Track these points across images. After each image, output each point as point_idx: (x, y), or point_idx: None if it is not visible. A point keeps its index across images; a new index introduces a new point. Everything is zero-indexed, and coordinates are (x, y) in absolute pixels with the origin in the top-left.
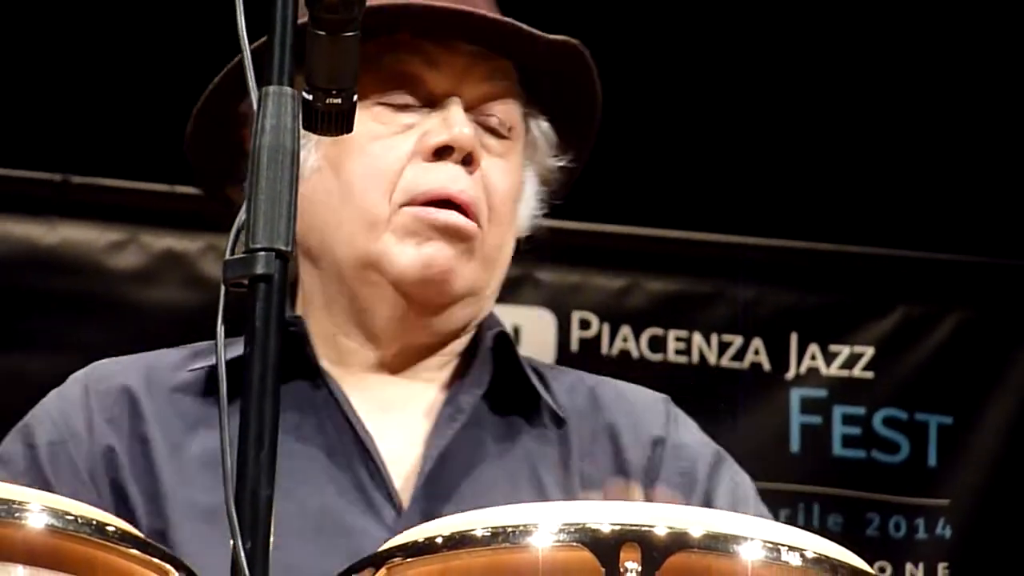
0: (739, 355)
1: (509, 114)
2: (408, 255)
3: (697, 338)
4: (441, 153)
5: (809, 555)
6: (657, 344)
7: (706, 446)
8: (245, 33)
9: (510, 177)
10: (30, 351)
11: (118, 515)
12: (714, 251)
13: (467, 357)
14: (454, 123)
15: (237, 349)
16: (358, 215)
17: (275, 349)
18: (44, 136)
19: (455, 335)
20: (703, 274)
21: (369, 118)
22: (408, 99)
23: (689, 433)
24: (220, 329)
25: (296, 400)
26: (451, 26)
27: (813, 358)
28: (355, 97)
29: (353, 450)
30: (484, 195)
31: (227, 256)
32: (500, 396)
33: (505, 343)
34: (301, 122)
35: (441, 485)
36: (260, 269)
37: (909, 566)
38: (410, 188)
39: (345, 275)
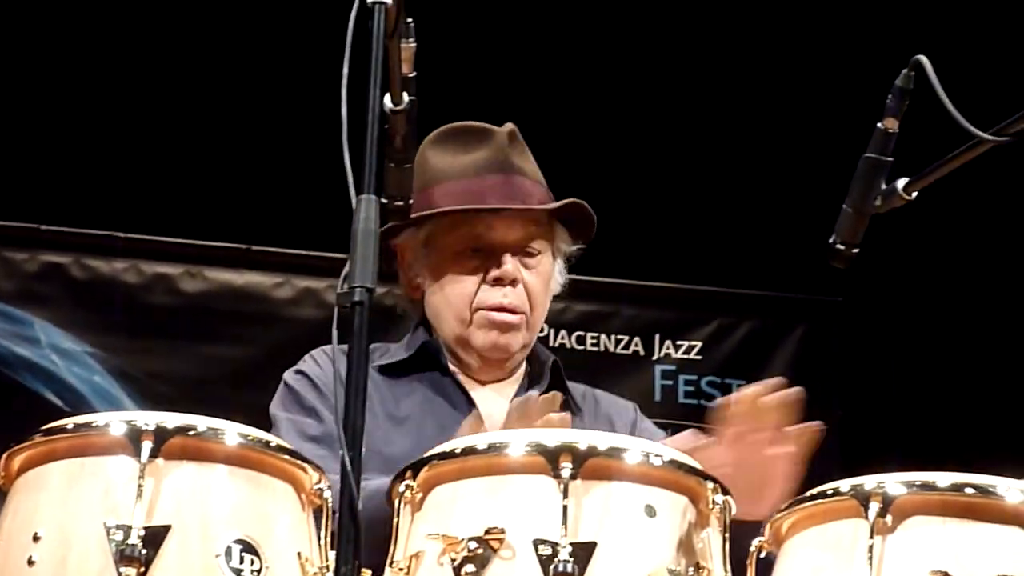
0: (627, 346)
1: (539, 242)
2: (482, 338)
3: (603, 337)
4: (497, 280)
5: (666, 458)
6: (581, 340)
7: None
8: (351, 171)
9: (541, 279)
10: (226, 346)
11: None
12: (613, 288)
13: (528, 374)
14: (504, 263)
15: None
16: (453, 315)
17: (365, 344)
18: (231, 213)
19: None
20: (607, 301)
21: (456, 260)
22: (479, 249)
23: (647, 422)
24: (335, 333)
25: (432, 382)
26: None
27: (668, 348)
28: (411, 201)
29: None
30: (527, 296)
31: (338, 290)
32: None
33: (557, 367)
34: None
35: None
36: (357, 298)
37: None
38: (481, 301)
39: (450, 343)
